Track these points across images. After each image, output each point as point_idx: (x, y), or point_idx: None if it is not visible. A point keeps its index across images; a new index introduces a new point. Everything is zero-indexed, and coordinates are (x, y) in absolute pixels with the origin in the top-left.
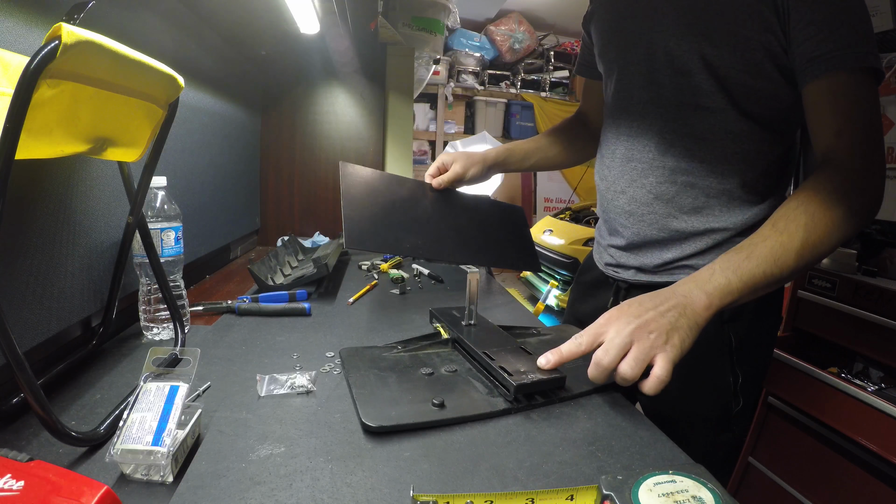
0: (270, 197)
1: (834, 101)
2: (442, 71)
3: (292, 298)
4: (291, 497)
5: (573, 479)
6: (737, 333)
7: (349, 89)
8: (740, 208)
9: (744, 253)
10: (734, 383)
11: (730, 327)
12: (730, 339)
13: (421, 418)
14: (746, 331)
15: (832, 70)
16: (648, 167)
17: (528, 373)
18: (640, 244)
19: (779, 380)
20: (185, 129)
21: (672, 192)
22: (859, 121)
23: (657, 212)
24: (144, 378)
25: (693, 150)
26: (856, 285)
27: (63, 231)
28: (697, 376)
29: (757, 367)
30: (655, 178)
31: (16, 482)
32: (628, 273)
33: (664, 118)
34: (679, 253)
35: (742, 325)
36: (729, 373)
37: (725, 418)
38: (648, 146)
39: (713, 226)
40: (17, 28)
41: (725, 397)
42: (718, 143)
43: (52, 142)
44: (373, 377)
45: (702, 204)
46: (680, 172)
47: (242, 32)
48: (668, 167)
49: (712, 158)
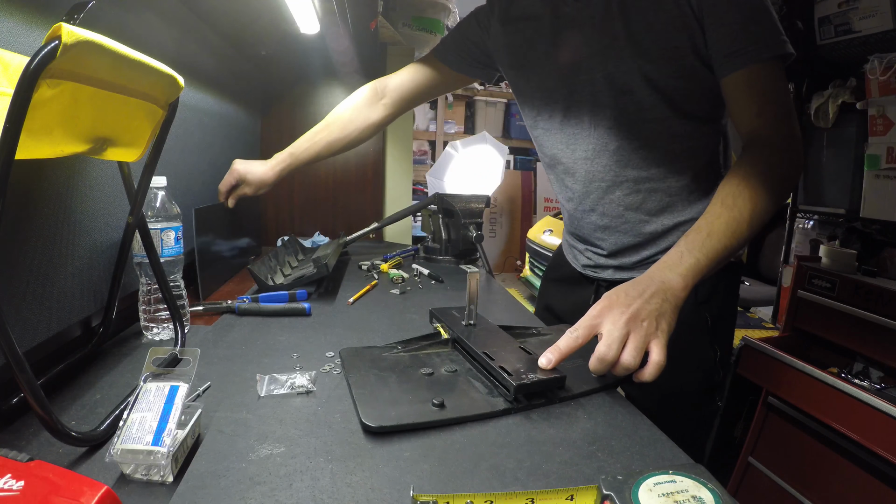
0: (270, 197)
1: (751, 89)
2: None
3: (292, 298)
4: (291, 497)
5: (573, 479)
6: (711, 313)
7: (349, 89)
8: (700, 199)
9: (704, 232)
10: (714, 357)
11: (704, 308)
12: (706, 318)
13: (421, 418)
14: (718, 310)
15: (747, 64)
16: (612, 183)
17: (527, 373)
18: (618, 251)
19: (779, 380)
20: (186, 130)
21: (639, 200)
22: (775, 101)
23: (630, 220)
24: (144, 378)
25: (649, 159)
26: (856, 285)
27: (63, 231)
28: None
29: (727, 341)
30: (622, 191)
31: (16, 482)
32: (607, 272)
33: (617, 136)
34: (655, 249)
35: (715, 305)
36: (709, 348)
37: (711, 387)
38: (609, 164)
39: (680, 219)
40: (17, 28)
41: (710, 370)
42: (668, 147)
43: (52, 142)
44: (373, 377)
45: (666, 203)
46: (642, 181)
47: (243, 32)
48: (631, 178)
49: (666, 162)
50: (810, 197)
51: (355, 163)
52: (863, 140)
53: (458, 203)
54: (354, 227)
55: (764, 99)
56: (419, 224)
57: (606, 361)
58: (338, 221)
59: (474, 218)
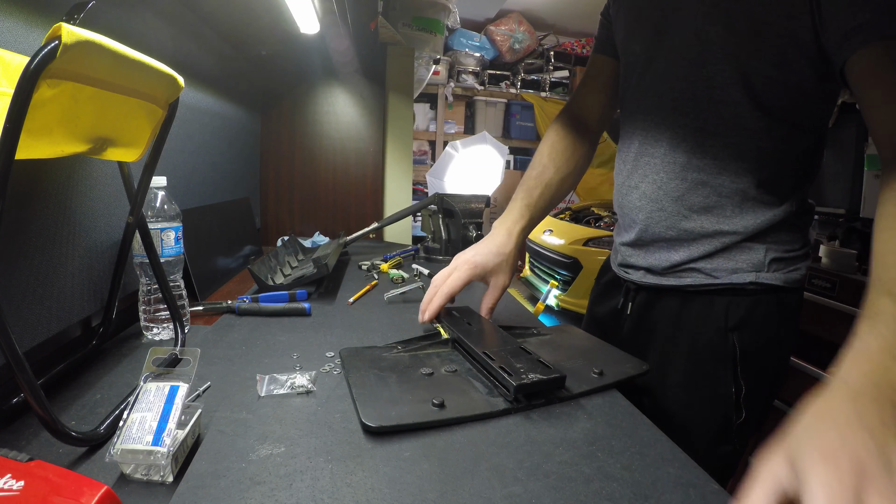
0: (270, 197)
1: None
2: (442, 71)
3: (292, 298)
4: (291, 497)
5: (573, 479)
6: (742, 341)
7: (349, 89)
8: (753, 210)
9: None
10: (736, 394)
11: (735, 335)
12: (734, 346)
13: (421, 418)
14: (753, 339)
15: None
16: (660, 162)
17: (527, 373)
18: (648, 241)
19: None
20: (185, 130)
21: (682, 189)
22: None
23: (666, 209)
24: (144, 378)
25: (705, 146)
26: (856, 286)
27: (63, 231)
28: (697, 384)
29: (765, 378)
30: (666, 174)
31: (16, 482)
32: (637, 274)
33: (676, 111)
34: (686, 255)
35: (748, 333)
36: (731, 383)
37: (725, 430)
38: (660, 141)
39: (723, 228)
40: (17, 28)
41: (726, 408)
42: (732, 139)
43: (52, 142)
44: (373, 377)
45: (713, 203)
46: (691, 169)
47: (242, 32)
48: (679, 163)
49: (725, 155)
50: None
51: (355, 163)
52: (863, 140)
53: (458, 203)
54: (354, 227)
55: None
56: (419, 224)
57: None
58: (338, 221)
59: (474, 218)
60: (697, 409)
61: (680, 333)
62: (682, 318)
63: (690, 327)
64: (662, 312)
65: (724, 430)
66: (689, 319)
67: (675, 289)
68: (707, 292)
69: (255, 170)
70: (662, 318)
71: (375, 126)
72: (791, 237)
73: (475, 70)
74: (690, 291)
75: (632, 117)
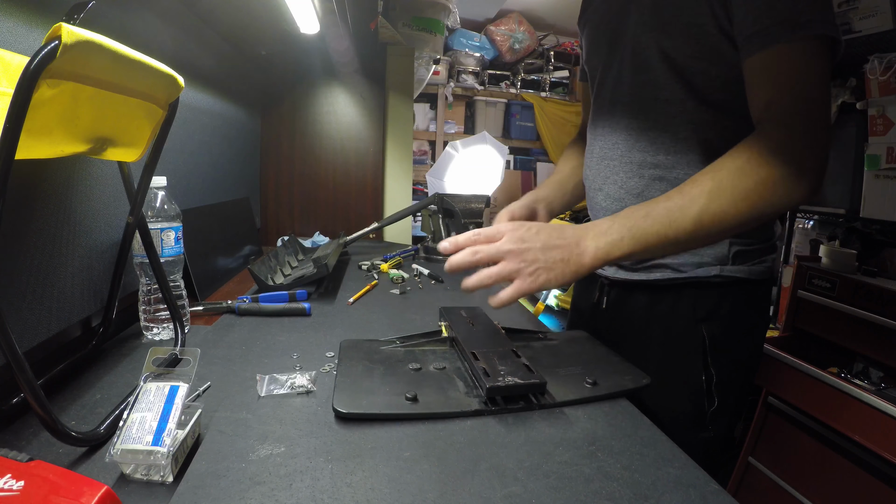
0: (270, 197)
1: (764, 74)
2: (442, 71)
3: (292, 298)
4: (291, 497)
5: (573, 479)
6: (711, 332)
7: (349, 89)
8: None
9: (643, 210)
10: (707, 382)
11: (704, 325)
12: (703, 336)
13: (390, 410)
14: (722, 329)
15: (768, 45)
16: (619, 163)
17: (507, 376)
18: None
19: (779, 380)
20: (185, 130)
21: (641, 186)
22: (792, 90)
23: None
24: (144, 378)
25: (657, 144)
26: (856, 285)
27: (63, 231)
28: (669, 373)
29: (735, 367)
30: (625, 173)
31: (16, 482)
32: (610, 270)
33: (629, 114)
34: None
35: (717, 324)
36: (701, 371)
37: (699, 417)
38: (618, 143)
39: None
40: (17, 28)
41: (698, 396)
42: (681, 135)
43: (52, 142)
44: (361, 368)
45: None
46: (647, 166)
47: (242, 32)
48: (636, 162)
49: (676, 150)
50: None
51: (355, 163)
52: (863, 140)
53: (458, 203)
54: (354, 227)
55: (778, 87)
56: (419, 224)
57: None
58: (338, 221)
59: (474, 218)
60: (671, 398)
61: (652, 326)
62: (653, 312)
63: (661, 320)
64: (635, 306)
65: (698, 416)
66: (660, 312)
67: (646, 283)
68: (675, 286)
69: (255, 170)
70: (635, 311)
71: (375, 126)
72: (754, 231)
73: (475, 70)
74: (660, 286)
75: (593, 125)
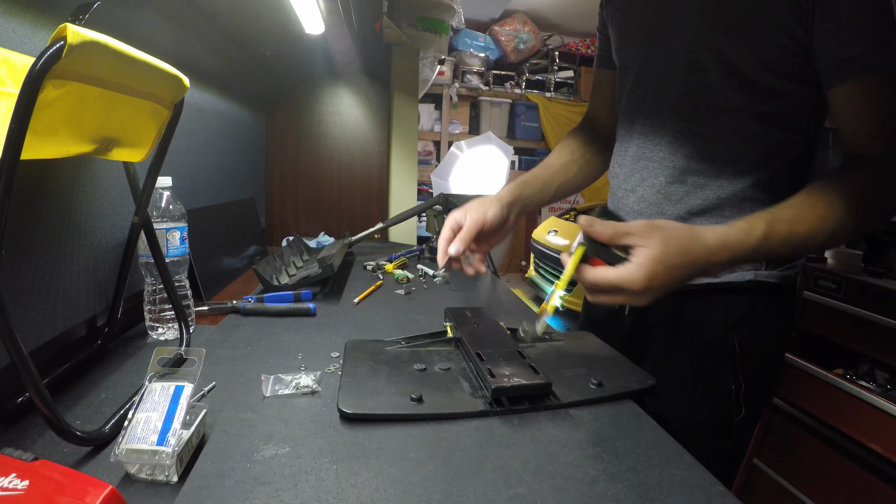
0: (275, 197)
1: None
2: (447, 71)
3: (297, 299)
4: (296, 497)
5: (578, 480)
6: (741, 339)
7: (354, 90)
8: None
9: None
10: (736, 391)
11: (735, 333)
12: (734, 345)
13: (396, 410)
14: (752, 337)
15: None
16: (659, 166)
17: (512, 377)
18: None
19: (784, 381)
20: (191, 130)
21: (682, 192)
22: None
23: (666, 213)
24: (149, 378)
25: (704, 151)
26: (861, 286)
27: (68, 231)
28: (698, 383)
29: (762, 375)
30: (665, 177)
31: (21, 481)
32: None
33: (676, 116)
34: None
35: (747, 331)
36: (731, 380)
37: (726, 426)
38: (660, 145)
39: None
40: (22, 29)
41: (726, 405)
42: (730, 144)
43: (57, 142)
44: (366, 368)
45: (712, 205)
46: (690, 173)
47: (247, 33)
48: (679, 167)
49: (724, 159)
50: None
51: (360, 163)
52: None
53: (463, 203)
54: (359, 228)
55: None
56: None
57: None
58: (343, 222)
59: None
60: (699, 407)
61: (679, 332)
62: (681, 317)
63: (690, 326)
64: (661, 312)
65: (726, 427)
66: (689, 318)
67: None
68: (706, 291)
69: (260, 170)
70: (662, 317)
71: (380, 126)
72: None
73: (480, 70)
74: (689, 291)
75: (629, 120)
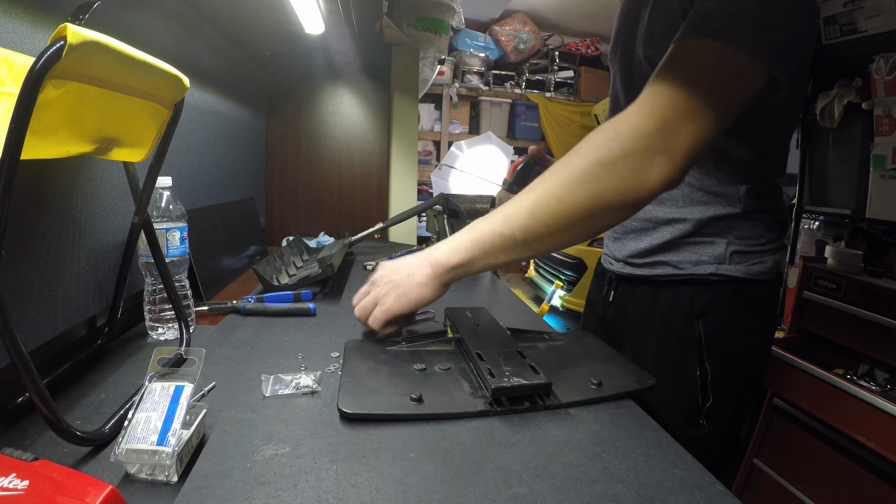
0: (275, 197)
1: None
2: (446, 71)
3: (297, 298)
4: (296, 497)
5: (578, 480)
6: (707, 328)
7: (354, 90)
8: (703, 202)
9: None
10: (702, 377)
11: (700, 321)
12: (698, 332)
13: (395, 410)
14: (718, 326)
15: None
16: None
17: (512, 376)
18: (621, 232)
19: (784, 381)
20: (191, 130)
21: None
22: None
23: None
24: (149, 378)
25: None
26: (861, 286)
27: (68, 231)
28: (667, 368)
29: (733, 365)
30: None
31: (20, 481)
32: (618, 265)
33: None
34: (649, 243)
35: (712, 321)
36: (696, 366)
37: (693, 411)
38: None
39: (675, 215)
40: (22, 29)
41: (691, 390)
42: None
43: (57, 142)
44: (366, 368)
45: (665, 195)
46: None
47: (247, 33)
48: None
49: None
50: (816, 197)
51: (360, 163)
52: (868, 140)
53: (463, 203)
54: (359, 228)
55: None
56: (424, 224)
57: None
58: (343, 221)
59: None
60: (667, 392)
61: (652, 320)
62: (653, 306)
63: (661, 314)
64: (637, 301)
65: (692, 411)
66: (660, 307)
67: (648, 279)
68: (674, 282)
69: (260, 170)
70: (638, 305)
71: (380, 126)
72: (754, 232)
73: (480, 70)
74: (660, 281)
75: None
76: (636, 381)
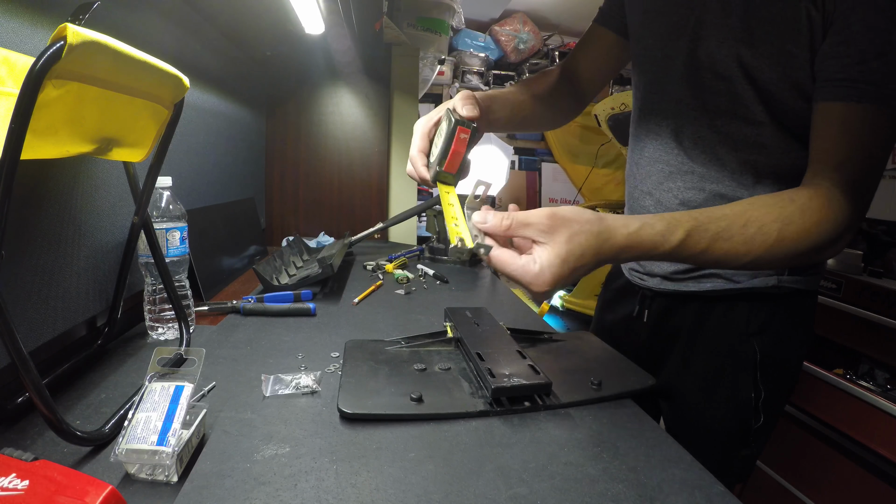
0: (275, 197)
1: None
2: (447, 71)
3: (297, 298)
4: (296, 497)
5: (579, 480)
6: (763, 347)
7: (354, 90)
8: None
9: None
10: (756, 399)
11: (756, 340)
12: (755, 352)
13: (396, 410)
14: (773, 344)
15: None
16: (676, 171)
17: (512, 376)
18: None
19: None
20: (191, 130)
21: (699, 199)
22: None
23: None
24: (149, 378)
25: (725, 160)
26: (861, 286)
27: (68, 231)
28: (718, 389)
29: (782, 383)
30: (683, 182)
31: (21, 481)
32: (654, 281)
33: (699, 121)
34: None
35: (769, 338)
36: (751, 387)
37: (744, 434)
38: (679, 149)
39: None
40: (22, 28)
41: (745, 413)
42: (752, 155)
43: (57, 142)
44: (366, 368)
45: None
46: (709, 180)
47: (247, 33)
48: (698, 173)
49: (744, 170)
50: None
51: (360, 163)
52: None
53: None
54: (359, 228)
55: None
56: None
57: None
58: (343, 221)
59: None
60: (718, 414)
61: (700, 339)
62: (702, 324)
63: (711, 333)
64: (683, 318)
65: (744, 434)
66: (710, 325)
67: (695, 294)
68: (728, 297)
69: (260, 170)
70: (683, 324)
71: (380, 126)
72: None
73: (480, 70)
74: (711, 297)
75: (647, 118)
76: (636, 381)
